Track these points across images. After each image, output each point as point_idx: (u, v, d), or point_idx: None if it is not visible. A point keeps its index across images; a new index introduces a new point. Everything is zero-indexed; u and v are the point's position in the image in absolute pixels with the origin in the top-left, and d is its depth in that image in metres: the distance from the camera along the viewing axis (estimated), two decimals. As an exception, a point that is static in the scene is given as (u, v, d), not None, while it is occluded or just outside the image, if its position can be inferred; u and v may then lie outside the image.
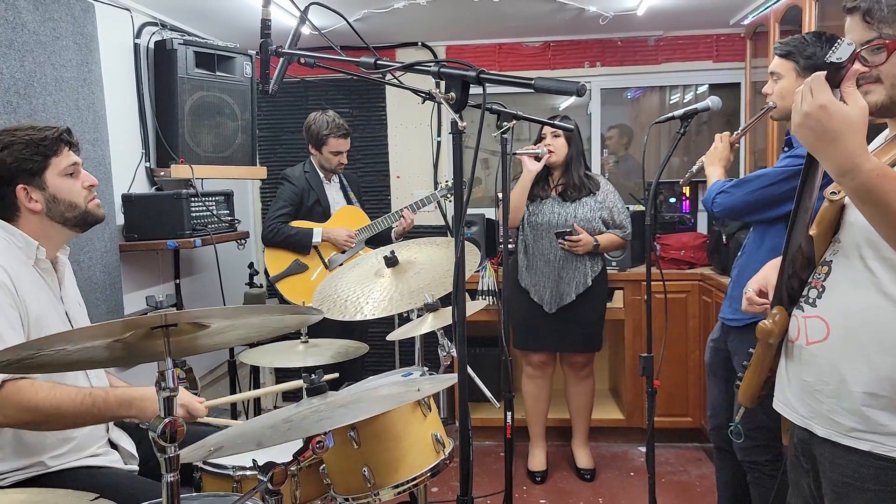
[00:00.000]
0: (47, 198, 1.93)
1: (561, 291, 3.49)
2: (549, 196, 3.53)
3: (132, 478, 2.03)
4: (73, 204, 1.98)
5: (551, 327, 3.54)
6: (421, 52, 4.60)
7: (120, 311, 3.12)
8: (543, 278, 3.51)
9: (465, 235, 1.34)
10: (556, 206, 3.51)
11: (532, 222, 3.53)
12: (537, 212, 3.52)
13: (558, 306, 3.50)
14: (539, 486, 3.66)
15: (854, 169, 1.25)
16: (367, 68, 1.53)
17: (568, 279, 3.49)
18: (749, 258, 2.54)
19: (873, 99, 1.42)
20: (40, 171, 1.92)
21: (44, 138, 1.92)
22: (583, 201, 3.50)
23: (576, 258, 3.48)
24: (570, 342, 3.58)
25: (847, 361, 1.41)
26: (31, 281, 1.90)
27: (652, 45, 4.50)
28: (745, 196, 2.45)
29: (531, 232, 3.54)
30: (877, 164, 1.26)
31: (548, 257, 3.50)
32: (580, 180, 3.51)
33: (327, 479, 1.80)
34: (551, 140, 3.46)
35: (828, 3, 3.04)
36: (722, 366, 2.63)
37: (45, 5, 2.69)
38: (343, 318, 2.30)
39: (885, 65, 1.39)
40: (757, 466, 2.51)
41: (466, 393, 1.45)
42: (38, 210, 1.93)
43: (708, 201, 2.59)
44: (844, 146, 1.25)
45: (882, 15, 1.37)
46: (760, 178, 2.44)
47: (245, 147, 3.72)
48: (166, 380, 1.22)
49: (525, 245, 3.56)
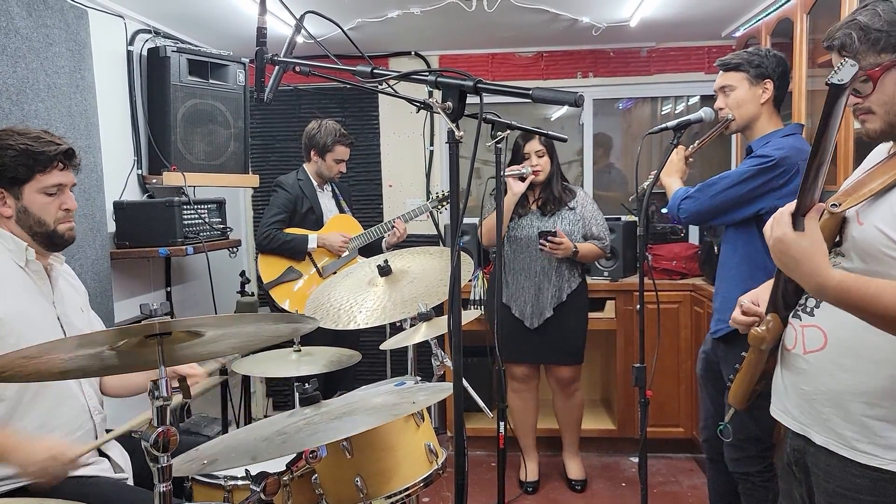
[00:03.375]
0: (19, 208, 1.94)
1: (541, 305, 3.48)
2: (528, 211, 3.53)
3: (122, 487, 2.01)
4: (41, 221, 1.96)
5: (533, 341, 3.53)
6: (414, 62, 4.61)
7: (111, 319, 3.09)
8: (524, 293, 3.51)
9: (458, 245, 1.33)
10: (535, 221, 3.50)
11: (512, 237, 3.52)
12: (517, 227, 3.51)
13: (539, 322, 3.50)
14: (531, 496, 3.65)
15: (820, 288, 1.34)
16: (363, 77, 1.53)
17: (548, 293, 3.48)
18: (724, 268, 2.57)
19: (872, 127, 1.45)
20: (21, 182, 1.92)
21: (40, 153, 1.91)
22: (562, 215, 3.50)
23: (554, 273, 3.47)
24: (551, 355, 3.58)
25: (845, 372, 1.41)
26: (15, 280, 1.90)
27: (644, 56, 4.52)
28: (711, 199, 2.49)
29: (510, 247, 3.53)
30: (840, 280, 1.32)
31: (528, 272, 3.50)
32: (559, 194, 3.51)
33: (319, 489, 1.78)
34: (536, 160, 3.44)
35: (819, 16, 3.07)
36: (713, 376, 2.64)
37: (39, 12, 2.68)
38: (336, 327, 2.29)
39: (873, 94, 1.41)
40: (748, 477, 2.51)
41: (462, 404, 1.44)
42: (8, 216, 1.94)
43: (673, 209, 2.61)
44: (806, 270, 1.35)
45: (856, 48, 1.39)
46: (724, 180, 2.48)
47: (237, 155, 3.72)
48: (160, 388, 1.21)
49: (505, 261, 3.54)
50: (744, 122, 2.49)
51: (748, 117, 2.48)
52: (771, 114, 2.49)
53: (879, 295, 1.28)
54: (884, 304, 1.28)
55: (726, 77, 2.50)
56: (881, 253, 1.36)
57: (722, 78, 2.51)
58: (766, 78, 2.44)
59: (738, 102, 2.47)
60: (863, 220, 1.41)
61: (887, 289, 1.29)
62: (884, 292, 1.28)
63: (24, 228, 1.96)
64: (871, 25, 1.38)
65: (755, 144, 2.48)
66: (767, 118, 2.48)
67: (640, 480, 2.45)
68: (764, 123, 2.48)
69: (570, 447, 3.78)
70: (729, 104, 2.49)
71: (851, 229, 1.44)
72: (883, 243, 1.36)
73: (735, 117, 2.48)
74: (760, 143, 2.46)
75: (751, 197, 2.40)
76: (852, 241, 1.44)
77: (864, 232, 1.39)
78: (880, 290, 1.29)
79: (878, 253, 1.37)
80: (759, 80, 2.45)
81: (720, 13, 3.78)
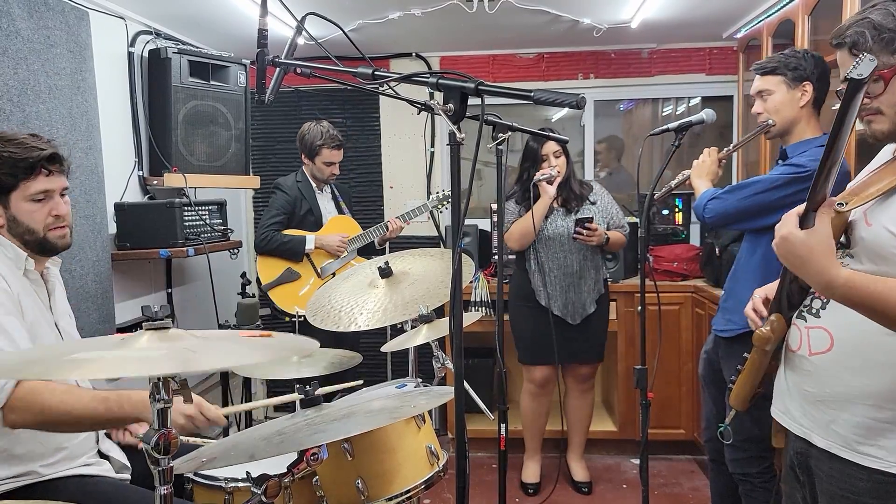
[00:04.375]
0: (8, 217, 1.90)
1: (583, 301, 3.50)
2: (552, 211, 3.52)
3: (124, 487, 2.00)
4: (31, 229, 1.92)
5: (567, 339, 3.48)
6: (415, 63, 4.61)
7: (111, 321, 3.09)
8: (564, 291, 3.49)
9: (459, 247, 1.33)
10: (561, 219, 3.50)
11: (543, 237, 3.50)
12: (546, 227, 3.50)
13: (581, 317, 3.51)
14: (532, 498, 3.65)
15: (828, 286, 1.33)
16: (364, 79, 1.52)
17: (587, 288, 3.51)
18: (741, 268, 2.54)
19: (878, 128, 1.44)
20: (7, 191, 1.88)
21: (24, 159, 1.86)
22: (586, 209, 3.52)
23: (590, 267, 3.50)
24: (581, 353, 3.57)
25: (851, 374, 1.41)
26: (23, 290, 1.89)
27: (645, 57, 4.52)
28: (739, 202, 2.43)
29: (544, 247, 3.51)
30: (847, 279, 1.31)
31: (565, 269, 3.49)
32: (579, 190, 3.54)
33: (320, 490, 1.78)
34: (555, 161, 3.45)
35: (820, 18, 3.06)
36: (715, 377, 2.63)
37: (40, 13, 2.68)
38: (337, 329, 2.29)
39: (883, 95, 1.40)
40: (748, 478, 2.51)
41: (463, 407, 1.44)
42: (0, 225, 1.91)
43: (699, 208, 2.57)
44: (812, 268, 1.34)
45: (868, 46, 1.38)
46: (755, 185, 2.43)
47: (238, 156, 3.72)
48: (160, 391, 1.21)
49: (539, 262, 3.51)
50: (784, 126, 2.41)
51: (788, 121, 2.40)
52: (810, 117, 2.40)
53: (888, 293, 1.28)
54: (892, 303, 1.27)
55: (764, 81, 2.43)
56: (891, 254, 1.36)
57: (759, 82, 2.45)
58: (804, 80, 2.36)
59: (776, 107, 2.40)
60: (871, 220, 1.40)
61: (894, 288, 1.28)
62: (892, 291, 1.28)
63: (15, 237, 1.92)
64: (885, 25, 1.37)
65: (791, 150, 2.42)
66: (807, 122, 2.40)
67: (642, 482, 2.45)
68: (803, 127, 2.40)
69: (576, 449, 3.78)
70: (767, 109, 2.42)
71: (860, 230, 1.44)
72: (892, 244, 1.35)
73: (775, 122, 2.41)
74: (797, 149, 2.39)
75: (780, 205, 2.31)
76: (861, 242, 1.43)
77: (873, 233, 1.39)
78: (888, 288, 1.28)
79: (887, 254, 1.36)
80: (797, 83, 2.37)
81: (721, 14, 3.78)
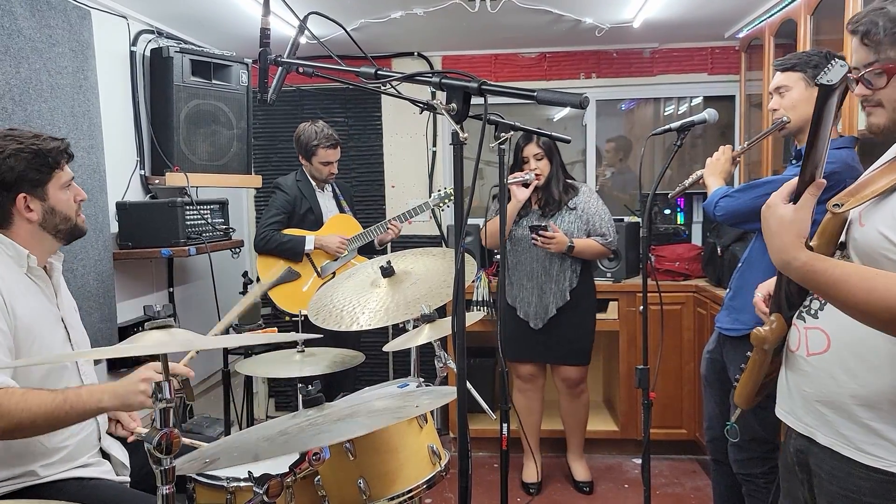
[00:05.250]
0: (45, 209, 1.95)
1: (545, 305, 3.48)
2: (529, 212, 3.52)
3: (123, 490, 2.01)
4: (67, 217, 2.00)
5: (538, 341, 3.52)
6: (417, 62, 4.61)
7: (113, 320, 3.09)
8: (527, 293, 3.50)
9: (462, 247, 1.33)
10: (535, 221, 3.49)
11: (513, 237, 3.51)
12: (517, 227, 3.51)
13: (543, 322, 3.49)
14: (533, 497, 3.64)
15: (786, 264, 1.37)
16: (367, 78, 1.52)
17: (550, 293, 3.48)
18: (752, 266, 2.52)
19: (875, 121, 1.43)
20: (44, 183, 1.94)
21: (50, 150, 1.93)
22: (562, 215, 3.49)
23: (556, 272, 3.46)
24: (557, 355, 3.57)
25: (847, 374, 1.40)
26: (24, 289, 1.89)
27: (647, 57, 4.52)
28: (752, 201, 2.40)
29: (513, 248, 3.52)
30: (806, 261, 1.33)
31: (530, 272, 3.49)
32: (559, 195, 3.50)
33: (322, 490, 1.78)
34: (535, 164, 3.43)
35: (822, 18, 3.06)
36: (718, 377, 2.63)
37: (42, 12, 2.68)
38: (339, 329, 2.28)
39: (885, 89, 1.39)
40: (752, 479, 2.50)
41: (465, 406, 1.44)
42: (34, 220, 1.93)
43: (710, 205, 2.55)
44: (776, 243, 1.38)
45: (880, 38, 1.37)
46: (768, 184, 2.40)
47: (240, 156, 3.72)
48: (163, 391, 1.21)
49: (508, 262, 3.52)
50: (799, 123, 2.39)
51: (803, 119, 2.38)
52: None
53: (844, 280, 1.28)
54: (846, 290, 1.27)
55: (783, 77, 2.41)
56: (881, 256, 1.34)
57: (779, 78, 2.43)
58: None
59: (793, 103, 2.39)
60: (864, 221, 1.40)
61: (852, 275, 1.28)
62: (849, 277, 1.28)
63: (46, 230, 1.96)
64: None
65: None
66: None
67: (643, 482, 2.45)
68: None
69: (575, 449, 3.78)
70: (784, 105, 2.41)
71: (854, 231, 1.43)
72: (883, 246, 1.34)
73: (790, 119, 2.40)
74: None
75: None
76: (853, 242, 1.43)
77: (865, 234, 1.38)
78: (846, 275, 1.29)
79: (877, 256, 1.35)
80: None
81: (723, 14, 3.77)
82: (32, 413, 1.71)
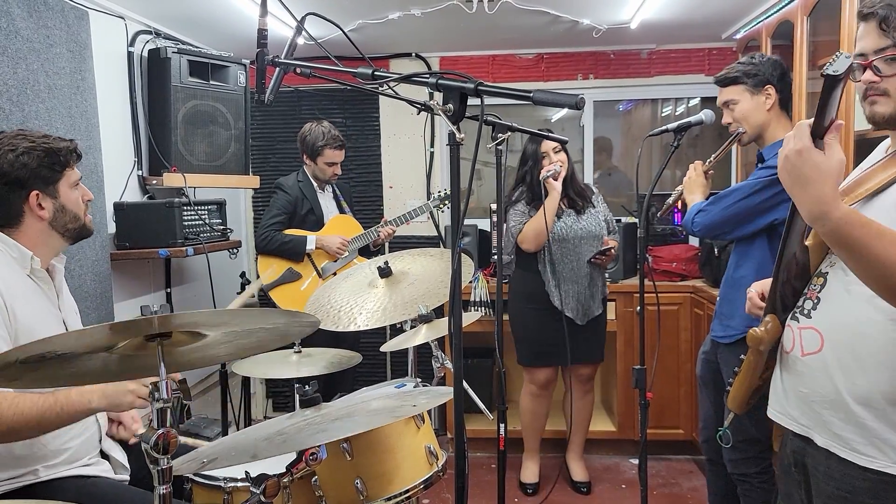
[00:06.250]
0: (56, 207, 1.96)
1: (590, 304, 3.52)
2: (562, 212, 3.52)
3: (123, 488, 2.01)
4: (76, 216, 2.02)
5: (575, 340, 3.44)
6: (415, 63, 4.61)
7: (110, 320, 3.09)
8: (575, 293, 3.50)
9: (459, 247, 1.33)
10: (572, 220, 3.51)
11: (558, 238, 3.48)
12: (557, 228, 3.48)
13: (588, 318, 3.52)
14: (531, 497, 3.65)
15: (823, 216, 1.26)
16: (364, 79, 1.53)
17: (595, 291, 3.53)
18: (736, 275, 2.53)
19: (880, 110, 1.42)
20: (55, 181, 1.96)
21: (61, 149, 1.95)
22: (589, 211, 3.55)
23: (597, 269, 3.54)
24: (585, 353, 3.56)
25: (842, 374, 1.41)
26: (26, 290, 1.89)
27: (645, 58, 4.52)
28: (723, 212, 2.48)
29: (559, 248, 3.49)
30: (845, 213, 1.25)
31: (577, 273, 3.49)
32: (581, 190, 3.56)
33: (319, 490, 1.78)
34: (555, 157, 3.45)
35: (819, 19, 3.07)
36: (713, 378, 2.64)
37: (40, 13, 2.68)
38: (336, 329, 2.29)
39: (894, 77, 1.38)
40: (747, 479, 2.51)
41: (462, 406, 1.44)
42: (45, 218, 1.95)
43: (688, 223, 2.62)
44: (814, 192, 1.26)
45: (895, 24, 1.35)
46: (735, 192, 2.47)
47: (238, 156, 3.72)
48: (160, 390, 1.21)
49: (552, 263, 3.49)
50: (754, 132, 2.49)
51: (757, 126, 2.48)
52: (779, 117, 2.48)
53: (878, 237, 1.23)
54: (880, 247, 1.23)
55: (726, 92, 2.50)
56: None
57: (723, 94, 2.52)
58: (765, 84, 2.44)
59: (743, 115, 2.47)
60: None
61: (887, 233, 1.24)
62: (883, 236, 1.23)
63: (56, 229, 1.98)
64: None
65: (766, 152, 2.46)
66: (777, 123, 2.47)
67: (640, 482, 2.46)
68: (774, 129, 2.47)
69: (576, 448, 3.78)
70: (736, 118, 2.49)
71: None
72: None
73: (745, 130, 2.48)
74: (771, 151, 2.44)
75: (763, 208, 2.38)
76: None
77: None
78: (881, 233, 1.24)
79: None
80: (759, 88, 2.44)
81: (721, 15, 3.78)
82: (24, 416, 1.71)
